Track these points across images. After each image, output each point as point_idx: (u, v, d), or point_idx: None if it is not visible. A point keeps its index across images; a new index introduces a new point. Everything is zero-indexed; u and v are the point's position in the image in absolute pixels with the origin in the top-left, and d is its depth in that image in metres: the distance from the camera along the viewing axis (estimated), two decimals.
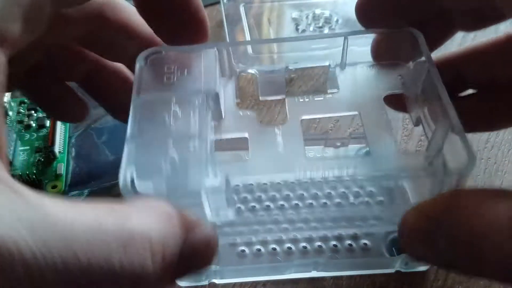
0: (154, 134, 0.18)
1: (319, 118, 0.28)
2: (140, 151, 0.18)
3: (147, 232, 0.13)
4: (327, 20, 0.30)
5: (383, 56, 0.23)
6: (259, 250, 0.22)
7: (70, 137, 0.27)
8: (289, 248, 0.22)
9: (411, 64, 0.22)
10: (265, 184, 0.24)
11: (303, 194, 0.24)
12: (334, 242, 0.22)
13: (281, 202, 0.23)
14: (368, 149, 0.21)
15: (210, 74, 0.21)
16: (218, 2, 0.33)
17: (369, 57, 0.23)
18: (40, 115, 0.29)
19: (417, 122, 0.22)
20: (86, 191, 0.24)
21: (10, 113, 0.29)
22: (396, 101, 0.22)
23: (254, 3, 0.33)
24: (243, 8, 0.32)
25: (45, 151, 0.26)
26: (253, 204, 0.23)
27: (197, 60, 0.21)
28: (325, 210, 0.23)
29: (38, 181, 0.24)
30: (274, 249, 0.22)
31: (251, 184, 0.24)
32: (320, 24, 0.30)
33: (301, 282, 0.22)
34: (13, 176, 0.23)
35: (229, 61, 0.22)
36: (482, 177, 0.26)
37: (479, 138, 0.28)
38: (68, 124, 0.28)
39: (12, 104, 0.29)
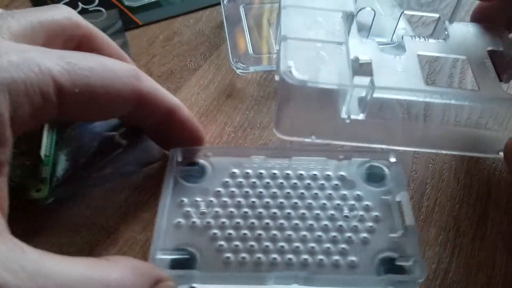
0: (303, 35, 0.21)
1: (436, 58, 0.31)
2: (295, 49, 0.20)
3: (123, 284, 0.17)
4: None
5: (483, 19, 0.26)
6: (243, 258, 0.21)
7: (57, 142, 0.26)
8: (274, 258, 0.21)
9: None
10: (260, 192, 0.23)
11: (297, 203, 0.23)
12: (320, 256, 0.21)
13: (274, 210, 0.23)
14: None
15: None
16: (219, 3, 0.33)
17: None
18: None
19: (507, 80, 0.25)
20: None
21: None
22: (497, 57, 0.25)
23: (254, 4, 0.32)
24: (243, 9, 0.31)
25: (31, 154, 0.25)
26: (245, 210, 0.23)
27: None
28: (317, 220, 0.22)
29: (22, 184, 0.23)
30: (259, 258, 0.21)
31: (247, 192, 0.23)
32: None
33: None
34: None
35: None
36: None
37: None
38: (55, 129, 0.26)
39: None
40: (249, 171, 0.24)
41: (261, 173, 0.24)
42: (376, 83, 0.20)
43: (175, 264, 0.21)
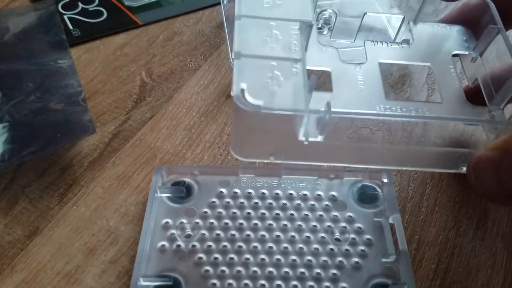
0: (258, 51, 0.19)
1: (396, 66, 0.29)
2: (249, 68, 0.19)
3: None
4: (327, 21, 0.28)
5: (453, 21, 0.24)
6: (230, 284, 0.20)
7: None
8: (263, 285, 0.20)
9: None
10: (248, 213, 0.22)
11: (286, 225, 0.22)
12: (311, 283, 0.20)
13: (262, 233, 0.22)
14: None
15: (305, 5, 0.21)
16: (219, 3, 0.32)
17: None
18: None
19: (474, 82, 0.23)
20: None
21: None
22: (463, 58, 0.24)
23: None
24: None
25: None
26: (233, 232, 0.22)
27: None
28: (307, 244, 0.21)
29: None
30: (246, 285, 0.20)
31: (234, 213, 0.22)
32: (320, 25, 0.29)
33: None
34: None
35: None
36: None
37: None
38: None
39: None
40: (237, 190, 0.23)
41: (249, 193, 0.23)
42: (333, 103, 0.18)
43: None
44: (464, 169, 0.21)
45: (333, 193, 0.23)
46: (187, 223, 0.22)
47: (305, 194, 0.23)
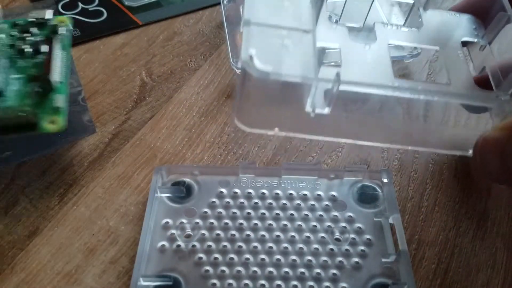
0: (268, 21, 0.19)
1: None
2: (258, 35, 0.19)
3: None
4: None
5: (461, 11, 0.24)
6: (230, 284, 0.20)
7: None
8: (263, 285, 0.20)
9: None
10: (248, 213, 0.22)
11: (286, 225, 0.22)
12: (311, 283, 0.20)
13: (262, 233, 0.21)
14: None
15: None
16: (219, 3, 0.32)
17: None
18: (38, 38, 0.24)
19: (481, 71, 0.23)
20: None
21: (2, 35, 0.24)
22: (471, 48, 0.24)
23: None
24: (243, 9, 0.31)
25: (41, 80, 0.22)
26: (233, 232, 0.22)
27: None
28: (307, 244, 0.21)
29: (33, 115, 0.20)
30: (246, 285, 0.20)
31: (234, 213, 0.22)
32: None
33: None
34: (6, 108, 0.20)
35: None
36: None
37: None
38: (69, 50, 0.24)
39: (3, 26, 0.24)
40: (237, 190, 0.23)
41: (249, 193, 0.23)
42: (342, 75, 0.18)
43: None
44: (471, 151, 0.20)
45: (333, 193, 0.23)
46: (187, 223, 0.22)
47: (305, 194, 0.23)
